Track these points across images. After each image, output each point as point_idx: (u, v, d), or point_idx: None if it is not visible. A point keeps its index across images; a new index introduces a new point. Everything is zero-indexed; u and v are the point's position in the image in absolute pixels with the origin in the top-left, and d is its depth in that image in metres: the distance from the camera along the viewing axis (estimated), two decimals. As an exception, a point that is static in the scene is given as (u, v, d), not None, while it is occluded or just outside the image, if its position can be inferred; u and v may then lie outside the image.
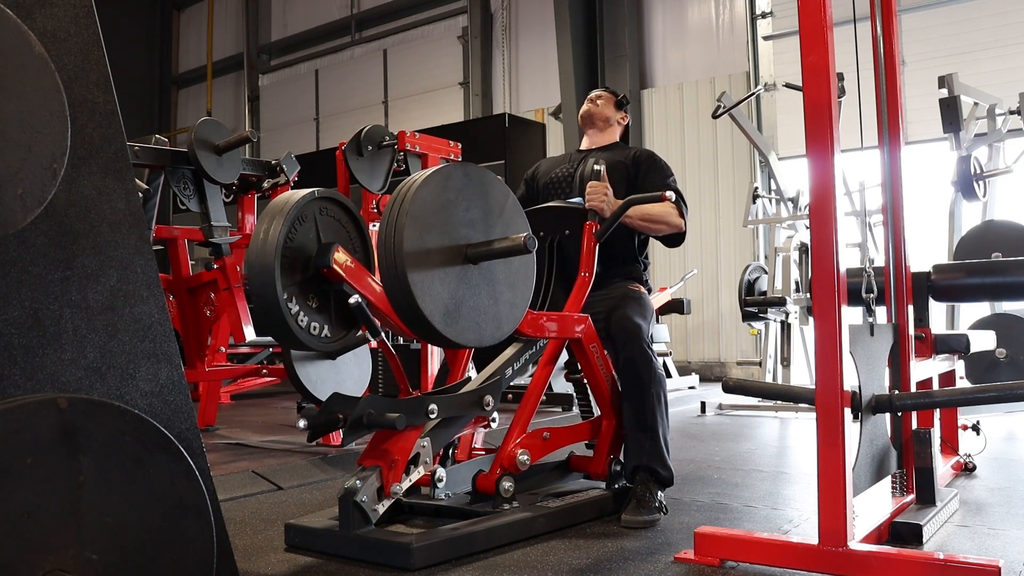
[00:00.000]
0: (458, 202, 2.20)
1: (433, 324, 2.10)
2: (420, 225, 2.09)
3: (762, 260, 7.50)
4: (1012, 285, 3.16)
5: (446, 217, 2.16)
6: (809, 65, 2.03)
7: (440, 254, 2.14)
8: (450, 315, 2.14)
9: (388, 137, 5.41)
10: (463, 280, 2.20)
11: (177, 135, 13.32)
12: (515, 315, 2.35)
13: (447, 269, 2.15)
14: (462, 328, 2.18)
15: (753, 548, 2.11)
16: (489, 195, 2.30)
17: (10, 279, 1.47)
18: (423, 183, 2.13)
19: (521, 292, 2.36)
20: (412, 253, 2.07)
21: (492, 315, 2.27)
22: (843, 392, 1.98)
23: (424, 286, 2.08)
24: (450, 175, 2.19)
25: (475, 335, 2.23)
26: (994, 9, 7.67)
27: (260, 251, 2.23)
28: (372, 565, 2.17)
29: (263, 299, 2.24)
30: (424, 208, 2.11)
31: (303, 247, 2.32)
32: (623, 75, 9.41)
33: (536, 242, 2.23)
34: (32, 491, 1.26)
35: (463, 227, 2.20)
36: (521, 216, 2.39)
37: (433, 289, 2.11)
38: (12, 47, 1.32)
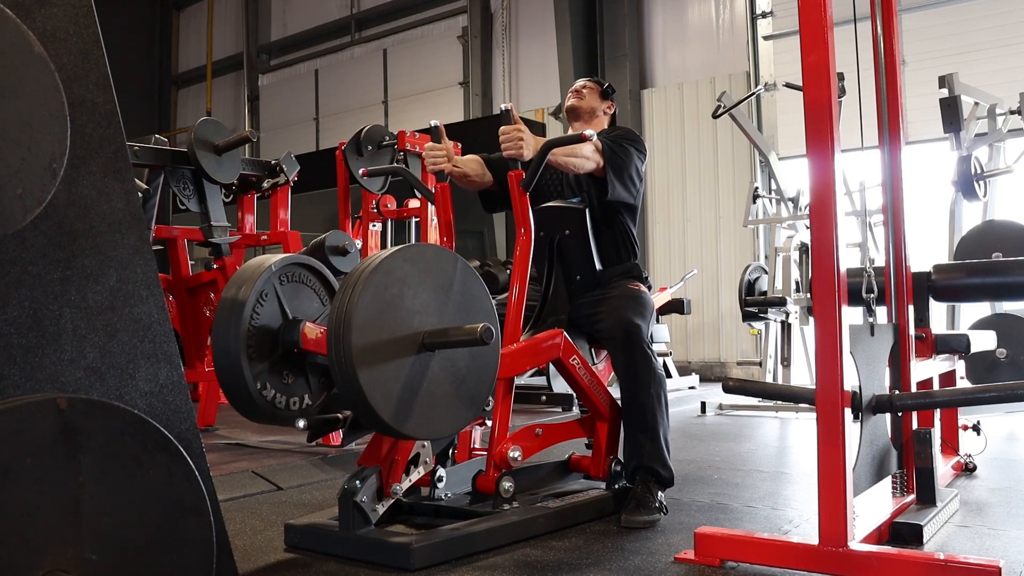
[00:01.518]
0: (404, 294, 2.08)
1: (388, 422, 2.01)
2: (366, 331, 1.99)
3: (762, 260, 7.49)
4: (1012, 285, 3.16)
5: (394, 314, 2.05)
6: (809, 65, 2.03)
7: (394, 347, 2.03)
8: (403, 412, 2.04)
9: (388, 137, 5.41)
10: (422, 370, 2.09)
11: (177, 135, 13.33)
12: (484, 388, 2.25)
13: (402, 360, 2.05)
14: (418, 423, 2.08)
15: (753, 548, 2.11)
16: (436, 274, 2.16)
17: (10, 279, 1.47)
18: (363, 287, 2.00)
19: (489, 359, 2.26)
20: (361, 353, 1.96)
21: (459, 397, 2.18)
22: (843, 392, 1.98)
23: (376, 385, 1.98)
24: (390, 269, 2.06)
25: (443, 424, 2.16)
26: (994, 9, 7.66)
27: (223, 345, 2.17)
28: (372, 565, 2.17)
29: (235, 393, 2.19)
30: (369, 313, 2.00)
31: (267, 327, 2.25)
32: (623, 75, 9.41)
33: (493, 333, 2.10)
34: (32, 491, 1.26)
35: (415, 317, 2.09)
36: (475, 282, 2.26)
37: (387, 388, 2.01)
38: (12, 47, 1.32)
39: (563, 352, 2.66)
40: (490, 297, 2.30)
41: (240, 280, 2.26)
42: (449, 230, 2.84)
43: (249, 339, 2.20)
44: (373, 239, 5.51)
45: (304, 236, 4.85)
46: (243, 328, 2.18)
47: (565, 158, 2.68)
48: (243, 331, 2.17)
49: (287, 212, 4.95)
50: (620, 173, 2.81)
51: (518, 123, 2.59)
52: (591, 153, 2.72)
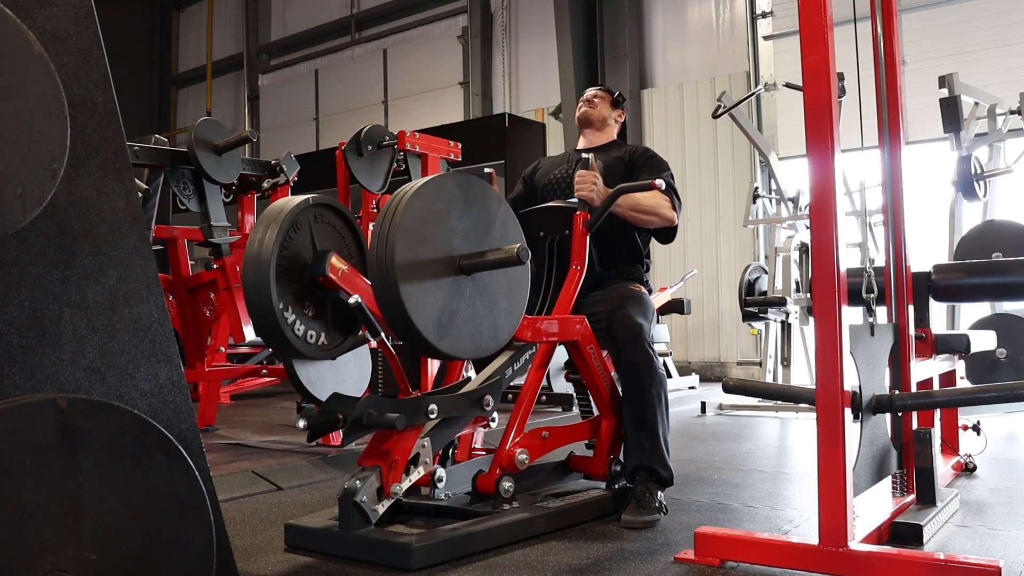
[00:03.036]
0: (450, 213, 2.17)
1: (427, 337, 2.08)
2: (411, 238, 2.06)
3: (762, 260, 7.50)
4: (1012, 285, 3.16)
5: (438, 229, 2.14)
6: (809, 65, 2.03)
7: (432, 266, 2.11)
8: (443, 327, 2.12)
9: (388, 137, 5.41)
10: (457, 291, 2.17)
11: (177, 135, 13.33)
12: (511, 323, 2.33)
13: (440, 281, 2.13)
14: (457, 340, 2.16)
15: (753, 548, 2.11)
16: (482, 205, 2.27)
17: (10, 279, 1.47)
18: (414, 195, 2.10)
19: (517, 300, 2.35)
20: (404, 266, 2.04)
21: (488, 325, 2.26)
22: (843, 392, 1.98)
23: (416, 299, 2.06)
24: (442, 186, 2.16)
25: (471, 346, 2.22)
26: (994, 9, 7.67)
27: (255, 261, 2.21)
28: (372, 565, 2.17)
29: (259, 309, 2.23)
30: (415, 220, 2.08)
31: (298, 255, 2.30)
32: (623, 75, 9.41)
33: (529, 252, 2.21)
34: (32, 491, 1.26)
35: (456, 238, 2.18)
36: (515, 224, 2.36)
37: (426, 302, 2.08)
38: (12, 47, 1.32)
39: (582, 337, 2.70)
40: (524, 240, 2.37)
41: (278, 207, 2.33)
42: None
43: (280, 261, 2.23)
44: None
45: (304, 236, 4.84)
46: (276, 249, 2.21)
47: (636, 214, 2.85)
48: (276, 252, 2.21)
49: (287, 212, 4.95)
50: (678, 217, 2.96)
51: (595, 171, 2.78)
52: (665, 212, 2.87)
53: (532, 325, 2.55)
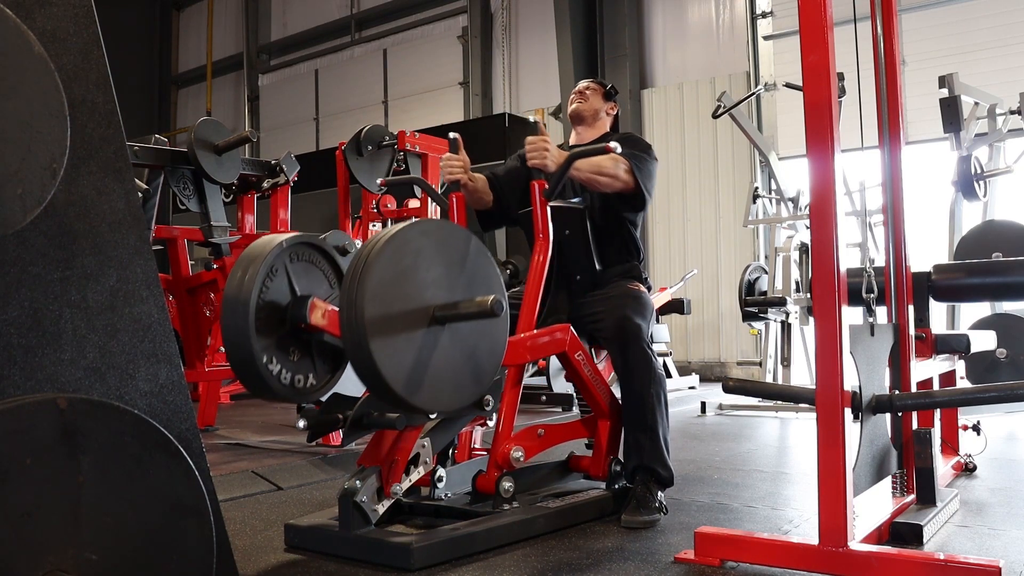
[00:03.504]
0: (418, 265, 2.08)
1: (401, 395, 2.00)
2: (379, 300, 1.99)
3: (762, 260, 7.50)
4: (1012, 285, 3.16)
5: (407, 284, 2.05)
6: (809, 65, 2.03)
7: (405, 321, 2.03)
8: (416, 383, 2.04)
9: (388, 137, 5.41)
10: (432, 343, 2.08)
11: (177, 135, 13.33)
12: (494, 363, 2.25)
13: (413, 335, 2.04)
14: (434, 393, 2.08)
15: (753, 548, 2.11)
16: (451, 249, 2.17)
17: (10, 279, 1.47)
18: (379, 253, 2.01)
19: (498, 338, 2.25)
20: (375, 325, 1.96)
21: (468, 371, 2.17)
22: (843, 392, 1.98)
23: (388, 359, 1.97)
24: (406, 239, 2.07)
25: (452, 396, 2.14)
26: (994, 9, 7.67)
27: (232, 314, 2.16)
28: (372, 565, 2.17)
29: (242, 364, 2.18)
30: (382, 281, 2.00)
31: (277, 303, 2.24)
32: (623, 75, 9.41)
33: (503, 305, 2.11)
34: (32, 491, 1.26)
35: (427, 289, 2.09)
36: (486, 260, 2.26)
37: (399, 360, 2.00)
38: (12, 47, 1.32)
39: (569, 346, 2.68)
40: (500, 278, 2.31)
41: (251, 255, 2.26)
42: None
43: (258, 312, 2.20)
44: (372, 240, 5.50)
45: (304, 236, 4.84)
46: (252, 300, 2.18)
47: (591, 175, 2.72)
48: (252, 303, 2.18)
49: (287, 212, 4.96)
50: (649, 188, 2.87)
51: (545, 135, 2.67)
52: (622, 173, 2.75)
53: (516, 349, 2.50)
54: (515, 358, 2.52)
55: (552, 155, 2.64)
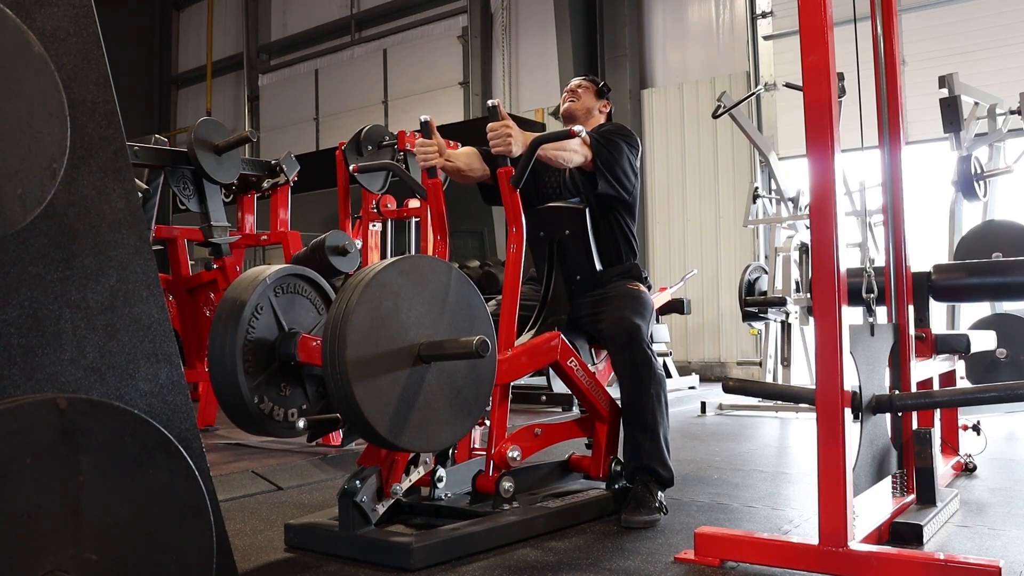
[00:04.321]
0: (398, 307, 2.06)
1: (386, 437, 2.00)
2: (362, 346, 1.97)
3: (762, 260, 7.49)
4: (1012, 285, 3.16)
5: (389, 327, 2.04)
6: (809, 65, 2.03)
7: (389, 362, 2.02)
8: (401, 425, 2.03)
9: (388, 137, 5.41)
10: (417, 382, 2.07)
11: (177, 135, 13.33)
12: (481, 398, 2.23)
13: (397, 375, 2.03)
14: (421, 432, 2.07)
15: (753, 548, 2.11)
16: (431, 285, 2.15)
17: (10, 279, 1.47)
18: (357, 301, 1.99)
19: (486, 371, 2.24)
20: (357, 369, 1.95)
21: (456, 409, 2.16)
22: (843, 392, 1.98)
23: (372, 401, 1.97)
24: (384, 283, 2.05)
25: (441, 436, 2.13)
26: (994, 9, 7.66)
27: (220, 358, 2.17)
28: (372, 565, 2.17)
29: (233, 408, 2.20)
30: (363, 328, 1.98)
31: (264, 339, 2.25)
32: (623, 75, 9.41)
33: (488, 345, 2.07)
34: (32, 491, 1.26)
35: (410, 330, 2.07)
36: (470, 292, 2.24)
37: (383, 402, 1.99)
38: (12, 47, 1.32)
39: (560, 355, 2.65)
40: (485, 306, 2.29)
41: (235, 294, 2.25)
42: (442, 226, 2.79)
43: (246, 353, 2.20)
44: (373, 239, 5.51)
45: (304, 236, 4.85)
46: (239, 343, 2.17)
47: (554, 152, 2.62)
48: (239, 346, 2.17)
49: (287, 212, 4.96)
50: (610, 167, 2.78)
51: (506, 119, 2.52)
52: (579, 147, 2.68)
53: (508, 366, 2.48)
54: (503, 377, 2.47)
55: (516, 139, 2.50)
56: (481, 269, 7.24)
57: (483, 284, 6.71)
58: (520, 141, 2.52)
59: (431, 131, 2.72)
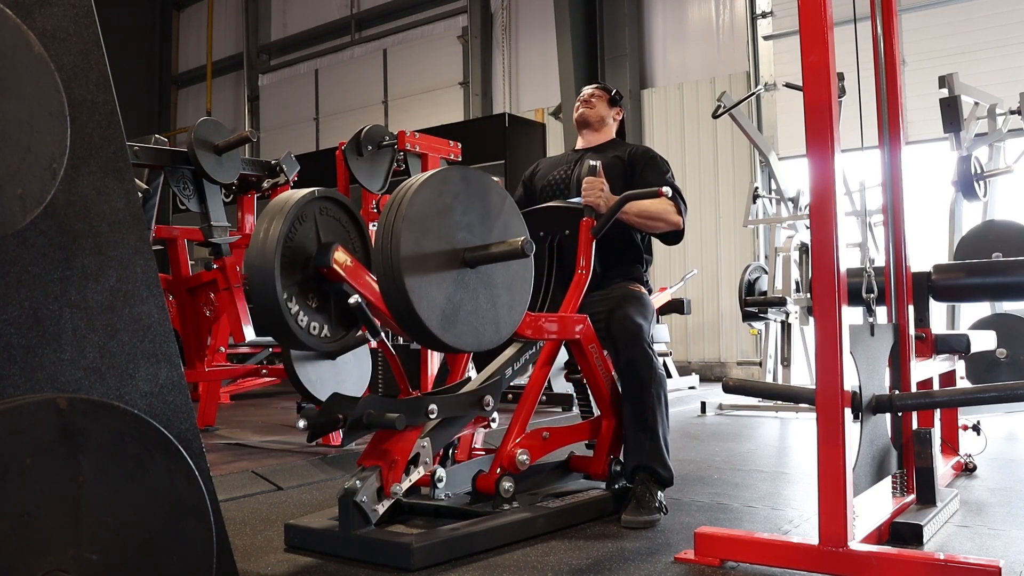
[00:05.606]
0: (455, 206, 2.19)
1: (431, 329, 2.10)
2: (417, 230, 2.09)
3: (762, 260, 7.50)
4: (1012, 285, 3.16)
5: (443, 221, 2.16)
6: (809, 65, 2.03)
7: (437, 258, 2.14)
8: (447, 320, 2.13)
9: (388, 137, 5.41)
10: (461, 284, 2.19)
11: (177, 135, 13.32)
12: (514, 318, 2.34)
13: (444, 273, 2.15)
14: (460, 333, 2.18)
15: (753, 548, 2.11)
16: (486, 198, 2.29)
17: (10, 279, 1.47)
18: (420, 187, 2.12)
19: (519, 295, 2.36)
20: (409, 258, 2.06)
21: (491, 319, 2.27)
22: (843, 392, 1.98)
23: (421, 291, 2.08)
24: (447, 179, 2.18)
25: (473, 339, 2.23)
26: (994, 9, 7.67)
27: (260, 250, 2.23)
28: (372, 565, 2.17)
29: (263, 298, 2.24)
30: (421, 212, 2.11)
31: (303, 247, 2.32)
32: (623, 75, 9.41)
33: (534, 246, 2.22)
34: (32, 491, 1.26)
35: (460, 231, 2.20)
36: (519, 219, 2.38)
37: (430, 294, 2.10)
38: (12, 47, 1.32)
39: (584, 336, 2.69)
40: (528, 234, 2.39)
41: (283, 199, 2.33)
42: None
43: (284, 252, 2.23)
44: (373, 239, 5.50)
45: (304, 236, 4.84)
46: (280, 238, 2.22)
47: (642, 219, 2.87)
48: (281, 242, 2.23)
49: (287, 212, 4.95)
50: None
51: (602, 178, 2.81)
52: (672, 217, 2.89)
53: (534, 322, 2.55)
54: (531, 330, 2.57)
55: (606, 197, 2.76)
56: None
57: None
58: (608, 201, 2.77)
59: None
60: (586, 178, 2.80)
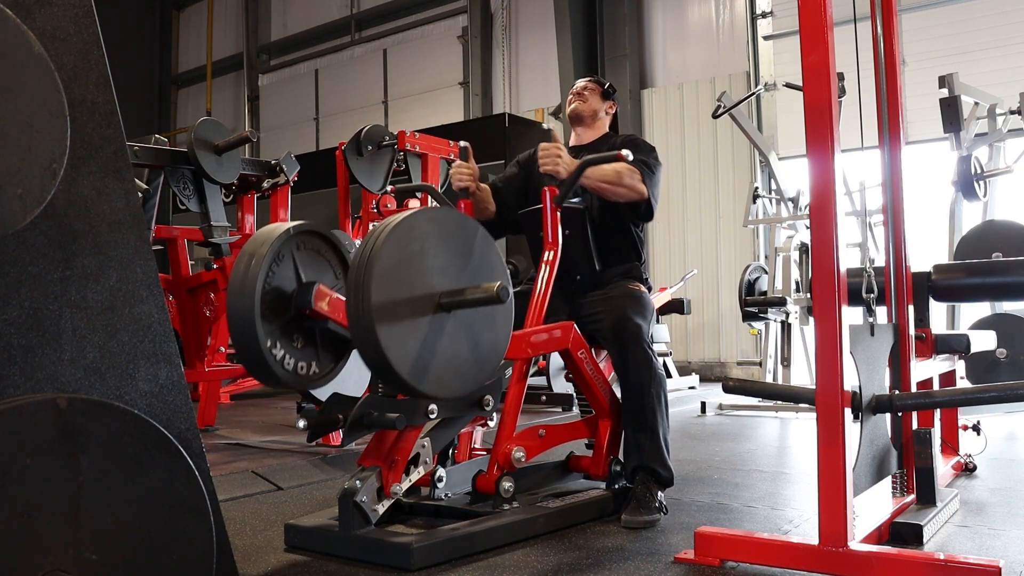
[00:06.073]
0: (425, 251, 2.10)
1: (408, 381, 2.02)
2: (387, 284, 2.00)
3: (762, 260, 7.49)
4: (1012, 285, 3.16)
5: (413, 270, 2.07)
6: (809, 65, 2.03)
7: (411, 306, 2.05)
8: (425, 369, 2.05)
9: (388, 137, 5.41)
10: (437, 330, 2.10)
11: (177, 135, 13.33)
12: (497, 352, 2.26)
13: (419, 321, 2.06)
14: (440, 380, 2.10)
15: (753, 548, 2.11)
16: (458, 237, 2.19)
17: (10, 279, 1.47)
18: (387, 239, 2.03)
19: (502, 329, 2.27)
20: (381, 310, 1.98)
21: (472, 360, 2.19)
22: (843, 392, 1.98)
23: (395, 344, 1.99)
24: (413, 225, 2.08)
25: (457, 384, 2.16)
26: (994, 9, 7.67)
27: (238, 298, 2.17)
28: (372, 565, 2.17)
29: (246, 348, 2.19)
30: (389, 265, 2.02)
31: (282, 289, 2.26)
32: (623, 75, 9.40)
33: (509, 291, 2.12)
34: (32, 491, 1.26)
35: (434, 276, 2.11)
36: (493, 251, 2.28)
37: (405, 345, 2.02)
38: (12, 47, 1.32)
39: (573, 344, 2.68)
40: (505, 267, 2.33)
41: (258, 240, 2.27)
42: None
43: (264, 297, 2.21)
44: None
45: (304, 236, 4.84)
46: (259, 285, 2.18)
47: (602, 184, 2.75)
48: (259, 288, 2.18)
49: (287, 212, 4.96)
50: (657, 196, 2.91)
51: (558, 143, 2.70)
52: (635, 184, 2.78)
53: (520, 343, 2.51)
54: (519, 352, 2.54)
55: (564, 162, 2.67)
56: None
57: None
58: (568, 165, 2.67)
59: (469, 156, 2.88)
60: (540, 145, 2.71)
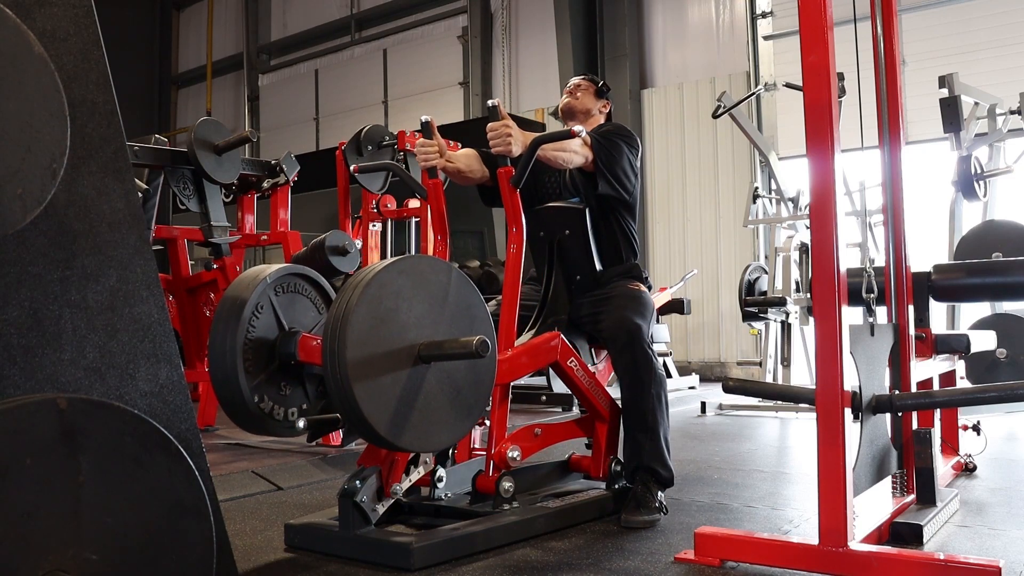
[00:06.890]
0: (398, 307, 2.06)
1: (385, 437, 2.00)
2: (361, 344, 1.97)
3: (762, 260, 7.50)
4: (1012, 285, 3.16)
5: (389, 327, 2.03)
6: (809, 65, 2.03)
7: (388, 362, 2.02)
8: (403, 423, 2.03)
9: (388, 137, 5.41)
10: (417, 383, 2.07)
11: (177, 135, 13.32)
12: (482, 399, 2.23)
13: (397, 375, 2.03)
14: (419, 433, 2.07)
15: (753, 548, 2.11)
16: (432, 285, 2.14)
17: (10, 279, 1.47)
18: (357, 301, 1.99)
19: (485, 372, 2.23)
20: (357, 368, 1.95)
21: (456, 409, 2.16)
22: (843, 392, 1.98)
23: (372, 402, 1.96)
24: (384, 282, 2.04)
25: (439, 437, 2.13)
26: (994, 9, 7.66)
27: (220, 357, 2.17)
28: (372, 565, 2.17)
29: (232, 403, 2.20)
30: (363, 328, 1.98)
31: (264, 339, 2.24)
32: (623, 75, 9.40)
33: (488, 345, 2.07)
34: (32, 491, 1.26)
35: (410, 331, 2.07)
36: (469, 290, 2.23)
37: (383, 403, 1.99)
38: (12, 47, 1.32)
39: (560, 355, 2.65)
40: (485, 306, 2.29)
41: (235, 292, 2.26)
42: (442, 226, 2.79)
43: (246, 352, 2.20)
44: (373, 239, 5.51)
45: (304, 236, 4.85)
46: (239, 341, 2.17)
47: (553, 153, 2.62)
48: (239, 344, 2.17)
49: (287, 212, 4.96)
50: (611, 167, 2.78)
51: (506, 119, 2.52)
52: (579, 147, 2.68)
53: (508, 366, 2.48)
54: (503, 377, 2.47)
55: (516, 139, 2.50)
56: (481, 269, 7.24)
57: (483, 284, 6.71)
58: (520, 141, 2.52)
59: (432, 131, 2.71)
60: (488, 126, 2.52)
